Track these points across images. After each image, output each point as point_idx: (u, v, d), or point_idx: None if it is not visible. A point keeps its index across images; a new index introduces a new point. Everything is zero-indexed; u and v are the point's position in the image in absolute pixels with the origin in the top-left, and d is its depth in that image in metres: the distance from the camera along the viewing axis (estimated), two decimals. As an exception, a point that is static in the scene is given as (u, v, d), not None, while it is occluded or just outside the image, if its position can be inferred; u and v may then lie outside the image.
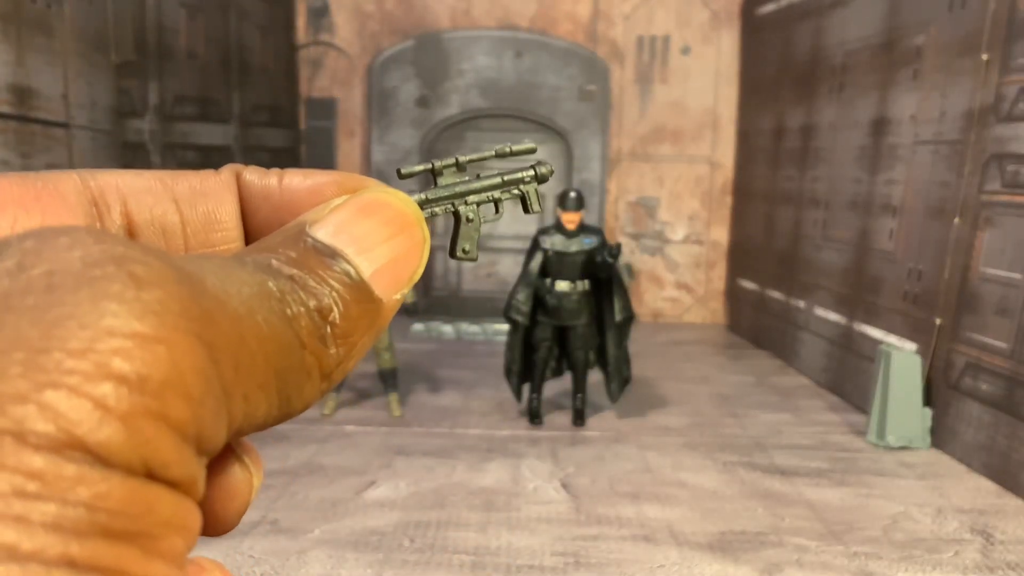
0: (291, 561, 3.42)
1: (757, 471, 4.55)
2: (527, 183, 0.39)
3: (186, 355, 0.20)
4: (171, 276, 0.21)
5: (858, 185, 6.16)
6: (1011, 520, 3.93)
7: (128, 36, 5.55)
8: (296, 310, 0.25)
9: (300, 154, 8.65)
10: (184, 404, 0.20)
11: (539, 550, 3.56)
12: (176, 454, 0.20)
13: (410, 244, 0.30)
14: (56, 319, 0.19)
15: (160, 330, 0.20)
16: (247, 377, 0.23)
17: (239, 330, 0.23)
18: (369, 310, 0.28)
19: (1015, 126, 4.50)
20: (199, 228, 0.31)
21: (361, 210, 0.29)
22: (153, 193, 0.31)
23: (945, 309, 4.98)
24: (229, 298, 0.23)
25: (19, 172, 0.29)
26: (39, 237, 0.21)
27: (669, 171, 8.81)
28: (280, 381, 0.25)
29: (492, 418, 5.40)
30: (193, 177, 0.32)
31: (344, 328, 0.27)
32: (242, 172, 0.32)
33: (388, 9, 8.53)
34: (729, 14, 8.50)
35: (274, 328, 0.24)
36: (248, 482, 0.28)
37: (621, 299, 5.03)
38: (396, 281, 0.29)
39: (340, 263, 0.27)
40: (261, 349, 0.23)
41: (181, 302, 0.21)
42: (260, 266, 0.26)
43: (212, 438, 0.21)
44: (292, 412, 0.26)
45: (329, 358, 0.26)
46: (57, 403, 0.18)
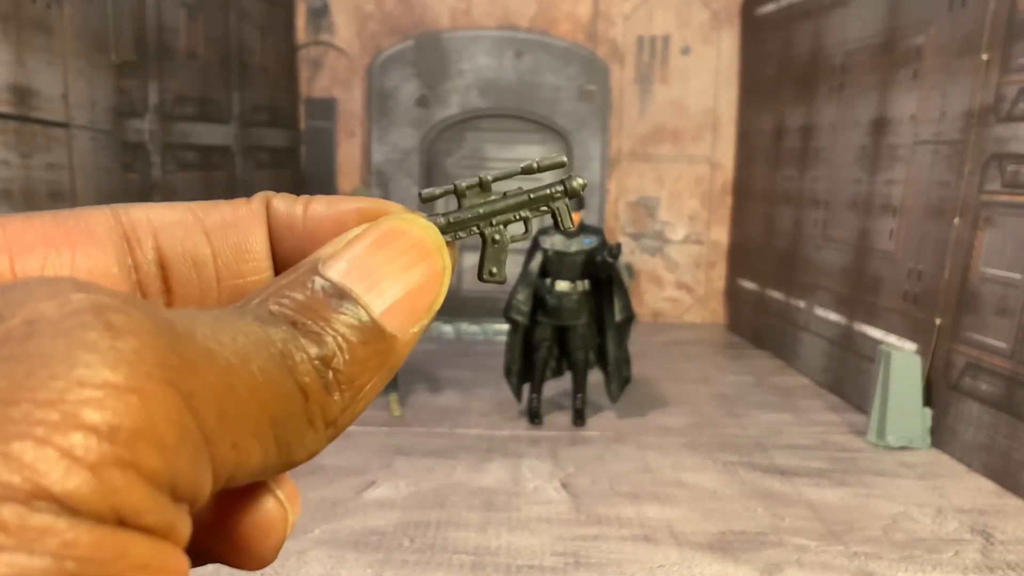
0: (291, 561, 3.42)
1: (757, 471, 4.55)
2: (557, 199, 0.37)
3: (159, 404, 0.20)
4: (150, 326, 0.21)
5: (858, 185, 6.16)
6: (1011, 520, 3.93)
7: (128, 36, 5.55)
8: (297, 358, 0.25)
9: (300, 154, 8.65)
10: (156, 453, 0.20)
11: (539, 550, 3.56)
12: (149, 501, 0.20)
13: (428, 274, 0.29)
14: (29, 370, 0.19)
15: (132, 380, 0.20)
16: (236, 425, 0.23)
17: (227, 379, 0.23)
18: (380, 350, 0.27)
19: (1015, 126, 4.50)
20: (230, 259, 0.31)
21: (376, 242, 0.29)
22: (184, 226, 0.31)
23: (945, 309, 4.98)
24: (221, 348, 0.23)
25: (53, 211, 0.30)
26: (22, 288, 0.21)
27: (669, 171, 8.81)
28: (277, 429, 0.25)
29: (492, 418, 5.41)
30: (225, 207, 0.32)
31: (349, 373, 0.26)
32: (272, 200, 0.32)
33: (388, 9, 8.53)
34: (729, 14, 8.50)
35: (269, 377, 0.24)
36: (283, 518, 0.28)
37: (621, 299, 5.03)
38: (413, 314, 0.29)
39: (348, 304, 0.27)
40: (253, 398, 0.24)
41: (157, 352, 0.21)
42: (261, 315, 0.26)
43: (191, 486, 0.22)
44: (295, 460, 0.26)
45: (332, 405, 0.26)
46: (23, 454, 0.19)
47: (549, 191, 0.37)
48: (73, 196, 4.93)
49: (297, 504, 0.29)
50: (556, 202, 0.37)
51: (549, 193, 0.37)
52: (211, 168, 6.71)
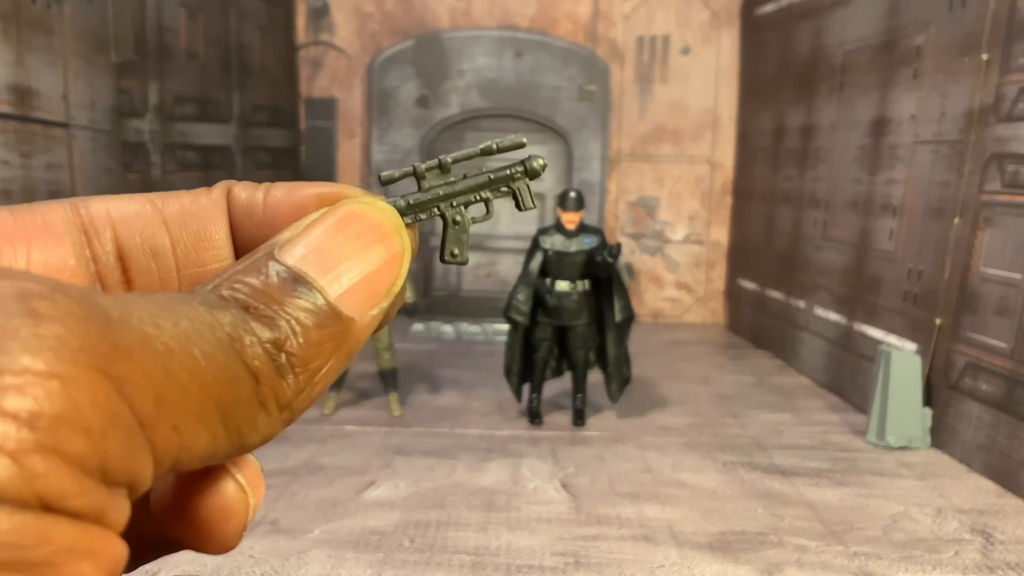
0: (291, 561, 3.42)
1: (757, 471, 4.55)
2: (517, 179, 0.36)
3: (84, 390, 0.21)
4: (77, 312, 0.21)
5: (858, 185, 6.16)
6: (1011, 520, 3.93)
7: (128, 36, 5.55)
8: (247, 341, 0.25)
9: (300, 154, 8.65)
10: (81, 438, 0.20)
11: (539, 550, 3.56)
12: (74, 486, 0.20)
13: (386, 257, 0.30)
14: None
15: (55, 366, 0.20)
16: (176, 410, 0.23)
17: (165, 364, 0.23)
18: (335, 333, 0.27)
19: (1015, 126, 4.50)
20: (189, 248, 0.31)
21: (333, 225, 0.29)
22: (143, 217, 0.31)
23: (945, 309, 4.98)
24: (159, 332, 0.23)
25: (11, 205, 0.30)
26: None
27: (669, 171, 8.81)
28: (225, 413, 0.25)
29: (492, 418, 5.41)
30: (185, 197, 0.32)
31: (303, 356, 0.26)
32: (232, 188, 0.32)
33: (388, 9, 8.53)
34: (729, 14, 8.50)
35: (214, 361, 0.24)
36: (243, 501, 0.28)
37: (621, 299, 5.03)
38: (371, 297, 0.29)
39: (302, 288, 0.27)
40: (195, 382, 0.24)
41: (84, 338, 0.21)
42: (210, 300, 0.26)
43: (125, 470, 0.22)
44: (247, 443, 0.26)
45: (286, 389, 0.26)
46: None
47: (509, 171, 0.36)
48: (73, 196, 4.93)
49: (259, 488, 0.29)
50: (516, 182, 0.36)
51: (509, 173, 0.36)
52: (211, 168, 6.71)
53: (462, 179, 0.36)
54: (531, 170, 0.36)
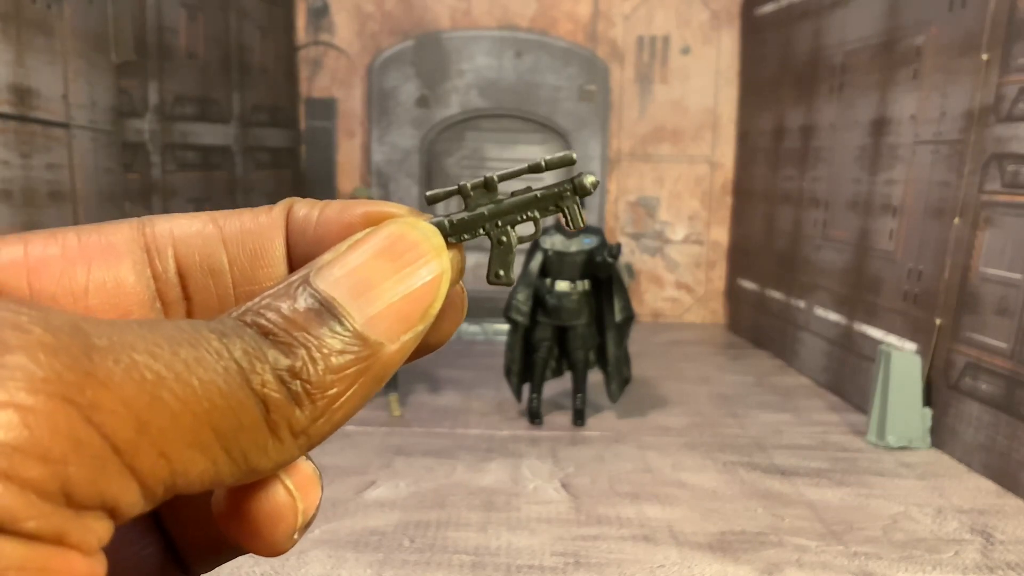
0: (291, 561, 3.42)
1: (757, 471, 4.55)
2: (566, 197, 0.35)
3: (44, 419, 0.21)
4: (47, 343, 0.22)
5: (858, 185, 6.16)
6: (1011, 520, 3.93)
7: (128, 36, 5.55)
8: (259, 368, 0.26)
9: (300, 154, 8.65)
10: (37, 464, 0.21)
11: (539, 550, 3.56)
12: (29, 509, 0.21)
13: (424, 279, 0.29)
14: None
15: (16, 396, 0.21)
16: (163, 437, 0.24)
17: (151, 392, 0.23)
18: (359, 358, 0.27)
19: (1015, 126, 4.50)
20: (245, 267, 0.32)
21: (371, 247, 0.29)
22: (203, 235, 0.32)
23: (945, 309, 4.98)
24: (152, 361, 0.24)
25: (78, 226, 0.31)
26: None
27: (669, 171, 8.81)
28: (226, 440, 0.25)
29: (492, 418, 5.41)
30: (245, 215, 0.32)
31: (321, 383, 0.27)
32: (293, 205, 0.33)
33: (388, 9, 8.53)
34: (729, 14, 8.50)
35: (213, 388, 0.25)
36: (292, 506, 0.29)
37: (621, 299, 5.03)
38: (403, 321, 0.29)
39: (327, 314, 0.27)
40: (187, 409, 0.24)
41: (49, 368, 0.22)
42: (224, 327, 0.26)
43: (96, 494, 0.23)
44: (258, 468, 0.26)
45: (299, 416, 0.26)
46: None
47: (558, 190, 0.35)
48: (73, 196, 4.94)
49: (310, 493, 0.29)
50: (565, 201, 0.35)
51: (558, 192, 0.35)
52: (211, 168, 6.71)
53: (508, 197, 0.35)
54: (580, 187, 0.35)
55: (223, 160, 6.93)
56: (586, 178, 0.35)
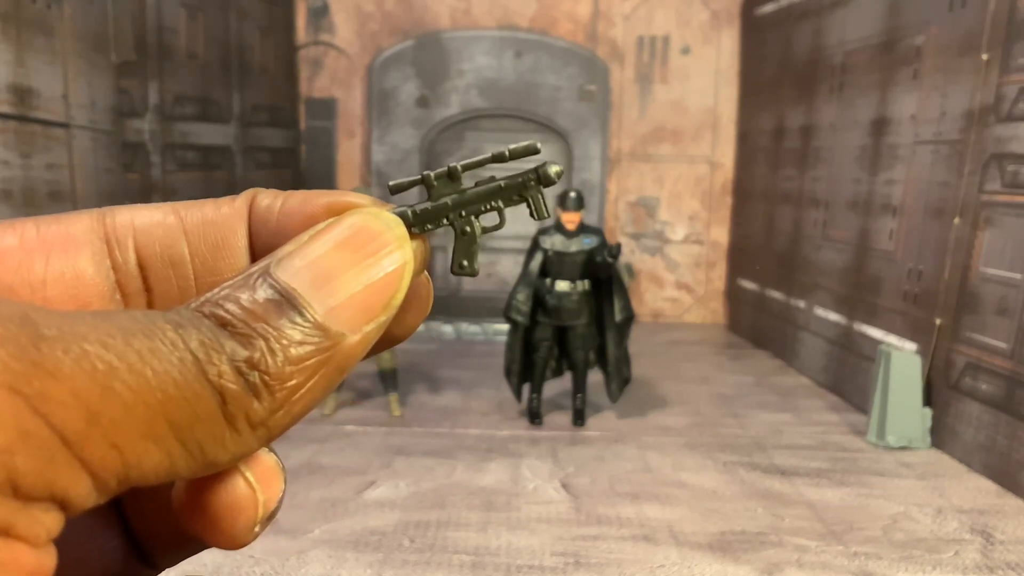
0: (291, 561, 3.42)
1: (757, 471, 4.55)
2: (531, 187, 0.34)
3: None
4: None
5: (858, 185, 6.16)
6: (1011, 520, 3.93)
7: (128, 36, 5.55)
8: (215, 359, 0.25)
9: (300, 154, 8.65)
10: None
11: (539, 550, 3.56)
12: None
13: (385, 270, 0.29)
14: None
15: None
16: (114, 428, 0.23)
17: (104, 383, 0.23)
18: (320, 349, 0.27)
19: (1015, 126, 4.50)
20: (207, 258, 0.32)
21: (333, 238, 0.29)
22: (164, 226, 0.31)
23: (945, 309, 4.98)
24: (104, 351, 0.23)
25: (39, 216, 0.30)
26: None
27: (669, 171, 8.81)
28: (181, 431, 0.25)
29: (492, 418, 5.40)
30: (207, 206, 0.32)
31: (280, 374, 0.26)
32: (256, 196, 0.32)
33: (388, 9, 8.53)
34: (729, 14, 8.50)
35: (167, 379, 0.24)
36: (252, 499, 0.28)
37: (621, 299, 5.03)
38: (365, 312, 0.28)
39: (287, 305, 0.27)
40: (140, 400, 0.24)
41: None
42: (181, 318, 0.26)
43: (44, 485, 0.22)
44: (215, 460, 0.26)
45: (257, 408, 0.26)
46: None
47: (521, 179, 0.34)
48: (73, 196, 4.93)
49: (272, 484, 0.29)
50: (529, 190, 0.34)
51: (522, 181, 0.34)
52: (211, 168, 6.71)
53: (472, 188, 0.34)
54: (545, 177, 0.34)
55: (223, 160, 6.93)
56: (550, 167, 0.34)
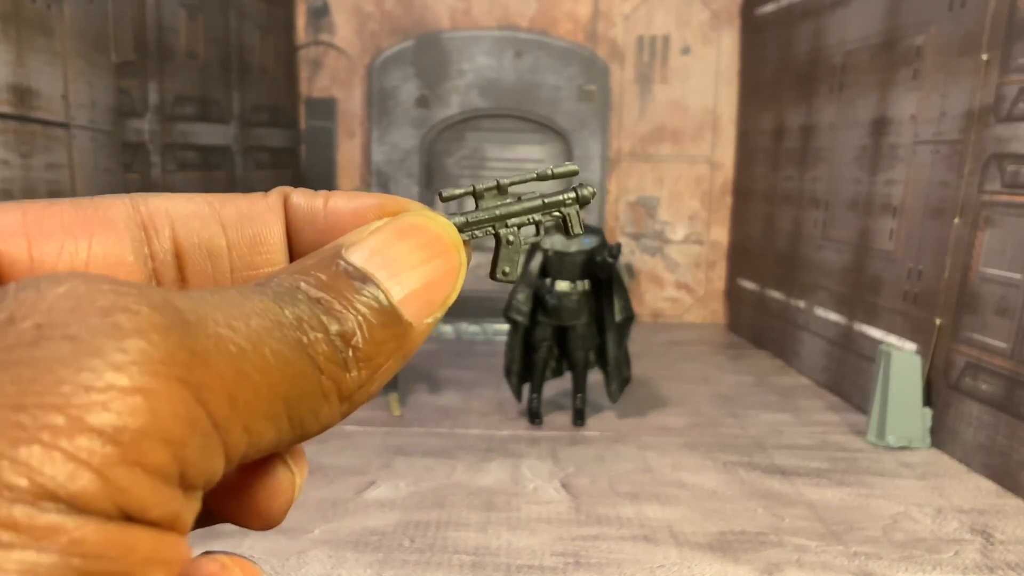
0: (291, 561, 3.42)
1: (757, 471, 4.55)
2: (568, 205, 0.39)
3: (165, 401, 0.21)
4: (157, 322, 0.22)
5: (858, 185, 6.16)
6: (1011, 520, 3.93)
7: (128, 36, 5.55)
8: (313, 336, 0.26)
9: (300, 154, 8.65)
10: (162, 449, 0.21)
11: (539, 550, 3.56)
12: (154, 496, 0.21)
13: (445, 269, 0.31)
14: (36, 375, 0.20)
15: (138, 380, 0.21)
16: (247, 410, 0.24)
17: (238, 366, 0.24)
18: (396, 334, 0.28)
19: (1015, 126, 4.50)
20: (244, 251, 0.32)
21: (397, 234, 0.30)
22: (201, 217, 0.32)
23: (945, 309, 4.98)
24: (233, 333, 0.24)
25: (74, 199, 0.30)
26: (34, 287, 0.22)
27: (669, 171, 8.81)
28: (290, 408, 0.25)
29: (492, 418, 5.41)
30: (241, 200, 0.33)
31: (367, 351, 0.27)
32: (290, 194, 0.33)
33: (388, 9, 8.53)
34: (729, 14, 8.50)
35: (282, 358, 0.25)
36: (291, 481, 0.29)
37: (621, 299, 5.03)
38: (428, 305, 0.30)
39: (369, 287, 0.28)
40: (265, 381, 0.24)
41: (165, 349, 0.22)
42: (280, 293, 0.26)
43: (202, 473, 0.23)
44: (308, 434, 0.27)
45: (348, 381, 0.27)
46: (30, 458, 0.19)
47: (562, 197, 0.39)
48: (73, 196, 4.93)
49: (304, 467, 0.30)
50: (567, 208, 0.39)
51: (562, 199, 0.39)
52: (211, 168, 6.71)
53: (517, 201, 0.38)
54: (582, 197, 0.39)
55: (223, 160, 6.93)
56: (585, 189, 0.39)
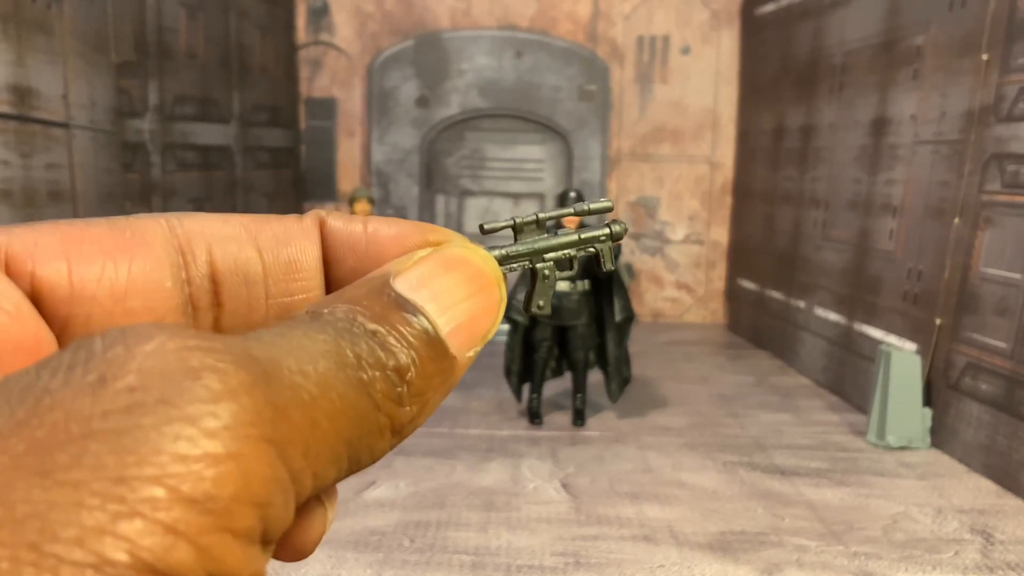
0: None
1: (757, 471, 4.55)
2: (602, 241, 0.40)
3: (255, 465, 0.21)
4: (244, 381, 0.22)
5: (858, 185, 6.16)
6: (1011, 520, 3.93)
7: (128, 36, 5.55)
8: (371, 375, 0.26)
9: (300, 154, 8.65)
10: (251, 512, 0.21)
11: (539, 550, 3.56)
12: (242, 560, 0.21)
13: (487, 303, 0.30)
14: (132, 445, 0.20)
15: (231, 446, 0.21)
16: (317, 459, 0.24)
17: (311, 415, 0.24)
18: (443, 368, 0.28)
19: (1015, 126, 4.50)
20: (280, 277, 0.31)
21: (444, 266, 0.30)
22: (237, 241, 0.31)
23: (945, 309, 4.98)
24: (304, 380, 0.24)
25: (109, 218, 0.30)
26: (123, 344, 0.22)
27: (669, 171, 8.81)
28: (351, 449, 0.25)
29: (492, 418, 5.41)
30: (276, 223, 0.32)
31: (419, 386, 0.27)
32: (326, 219, 0.33)
33: (388, 9, 8.53)
34: (729, 14, 8.50)
35: (347, 401, 0.25)
36: (323, 516, 0.29)
37: (621, 299, 5.03)
38: (471, 339, 0.30)
39: (420, 319, 0.28)
40: (333, 426, 0.24)
41: (253, 410, 0.22)
42: (340, 329, 0.26)
43: (281, 528, 0.23)
44: (361, 468, 0.27)
45: (402, 415, 0.27)
46: (131, 532, 0.19)
47: (597, 233, 0.40)
48: (73, 196, 4.93)
49: (335, 500, 0.30)
50: (602, 244, 0.40)
51: (596, 235, 0.40)
52: (211, 168, 6.71)
53: (554, 236, 0.38)
54: (615, 234, 0.40)
55: (223, 160, 6.93)
56: (618, 225, 0.40)
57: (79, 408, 0.21)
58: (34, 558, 0.19)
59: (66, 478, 0.20)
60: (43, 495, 0.19)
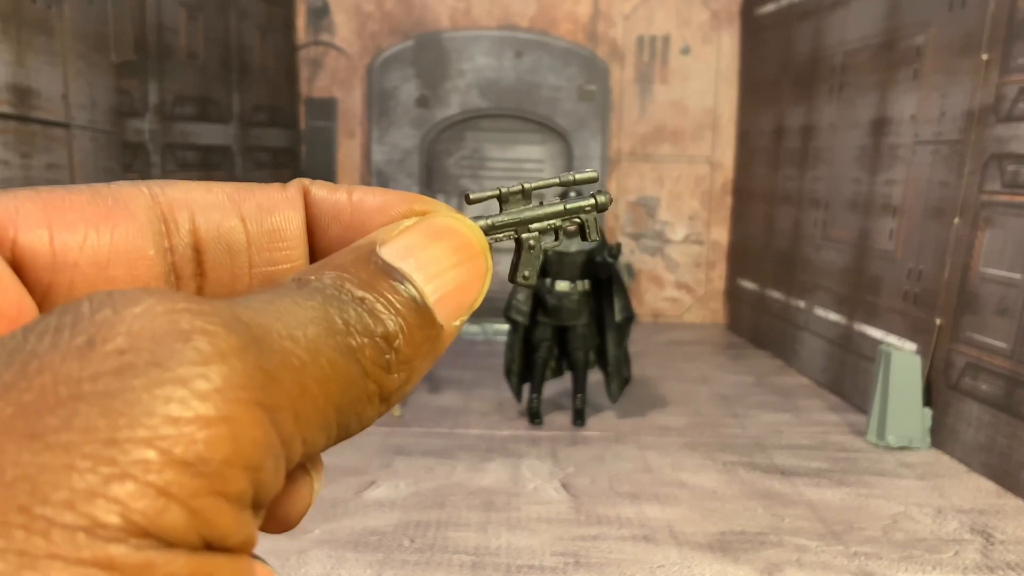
0: (291, 561, 3.42)
1: (757, 471, 4.55)
2: (587, 212, 0.40)
3: (246, 428, 0.21)
4: (235, 345, 0.22)
5: (858, 185, 6.16)
6: (1011, 520, 3.93)
7: (128, 36, 5.55)
8: (360, 341, 0.26)
9: (300, 154, 8.65)
10: (243, 476, 0.21)
11: (539, 550, 3.56)
12: (235, 524, 0.21)
13: (474, 273, 0.30)
14: (123, 407, 0.20)
15: (222, 408, 0.21)
16: (307, 424, 0.24)
17: (301, 380, 0.23)
18: (431, 336, 0.28)
19: (1015, 126, 4.50)
20: (264, 246, 0.31)
21: (430, 235, 0.30)
22: (221, 209, 0.31)
23: (945, 309, 4.98)
24: (294, 346, 0.24)
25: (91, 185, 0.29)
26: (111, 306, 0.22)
27: (669, 171, 8.81)
28: (340, 414, 0.25)
29: (492, 418, 5.40)
30: (260, 193, 0.32)
31: (407, 353, 0.27)
32: (310, 187, 0.33)
33: (388, 9, 8.53)
34: (729, 14, 8.50)
35: (337, 367, 0.25)
36: (311, 486, 0.29)
37: (621, 299, 5.03)
38: (458, 308, 0.29)
39: (407, 287, 0.28)
40: (322, 392, 0.24)
41: (244, 373, 0.22)
42: (328, 296, 0.26)
43: (271, 492, 0.23)
44: (350, 435, 0.27)
45: (390, 382, 0.27)
46: (122, 495, 0.19)
47: (582, 204, 0.39)
48: (73, 196, 4.93)
49: (321, 469, 0.30)
50: (587, 214, 0.40)
51: (581, 205, 0.39)
52: (211, 168, 6.71)
53: (539, 206, 0.38)
54: (600, 205, 0.40)
55: (223, 160, 6.93)
56: (603, 196, 0.40)
57: (68, 371, 0.20)
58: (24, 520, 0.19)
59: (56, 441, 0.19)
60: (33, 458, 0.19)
